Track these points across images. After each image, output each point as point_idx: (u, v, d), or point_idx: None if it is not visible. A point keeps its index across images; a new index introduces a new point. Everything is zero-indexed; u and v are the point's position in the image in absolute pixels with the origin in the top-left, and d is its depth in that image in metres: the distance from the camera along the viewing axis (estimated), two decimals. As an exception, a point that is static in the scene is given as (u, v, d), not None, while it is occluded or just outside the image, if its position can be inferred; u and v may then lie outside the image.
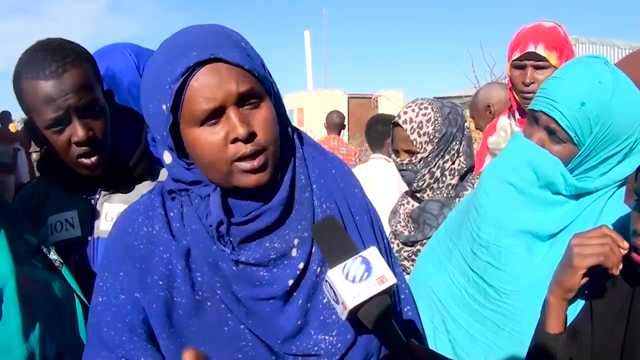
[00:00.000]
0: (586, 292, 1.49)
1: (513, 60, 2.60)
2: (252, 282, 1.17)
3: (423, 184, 2.31)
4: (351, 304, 1.02)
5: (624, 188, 1.65)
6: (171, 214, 1.22)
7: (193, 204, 1.21)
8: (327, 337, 1.18)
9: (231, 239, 1.17)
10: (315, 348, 1.17)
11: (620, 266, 1.35)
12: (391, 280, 1.05)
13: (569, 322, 1.49)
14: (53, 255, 1.55)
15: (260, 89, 1.15)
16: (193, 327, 1.17)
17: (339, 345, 1.18)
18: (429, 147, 2.26)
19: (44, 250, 1.54)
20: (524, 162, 1.61)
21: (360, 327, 1.10)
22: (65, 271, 1.55)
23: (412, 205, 2.44)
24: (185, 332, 1.17)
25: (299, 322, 1.18)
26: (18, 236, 1.47)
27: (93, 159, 1.69)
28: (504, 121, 2.86)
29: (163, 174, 1.90)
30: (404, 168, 2.31)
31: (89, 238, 1.77)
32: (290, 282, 1.18)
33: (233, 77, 1.11)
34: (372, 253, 1.07)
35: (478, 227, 1.67)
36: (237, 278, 1.17)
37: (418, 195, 2.36)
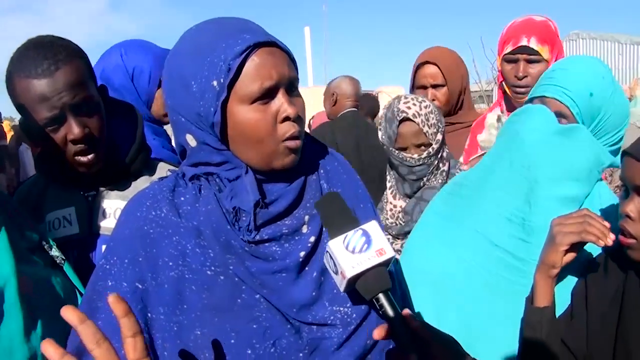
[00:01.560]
0: (581, 278, 1.56)
1: (505, 54, 2.58)
2: (265, 258, 1.20)
3: (431, 175, 2.33)
4: (349, 273, 1.05)
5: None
6: (182, 198, 1.24)
7: (212, 188, 1.23)
8: (341, 309, 1.20)
9: (250, 221, 1.19)
10: (332, 318, 1.20)
11: (609, 240, 1.42)
12: (389, 253, 1.07)
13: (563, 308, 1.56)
14: (54, 252, 1.54)
15: (298, 78, 1.22)
16: (206, 300, 1.18)
17: (354, 315, 1.20)
18: (439, 137, 2.30)
19: (45, 247, 1.53)
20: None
21: (359, 299, 1.12)
22: (67, 268, 1.54)
23: (395, 206, 2.42)
24: (199, 305, 1.18)
25: (314, 294, 1.20)
26: (19, 233, 1.46)
27: (90, 156, 1.68)
28: (492, 118, 2.83)
29: (161, 168, 1.91)
30: (421, 163, 2.29)
31: (87, 235, 1.76)
32: (302, 254, 1.20)
33: (285, 62, 1.17)
34: (373, 226, 1.10)
35: (516, 207, 1.68)
36: (249, 255, 1.19)
37: (420, 189, 2.35)
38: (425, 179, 2.32)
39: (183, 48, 1.20)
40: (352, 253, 1.06)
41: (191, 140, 1.21)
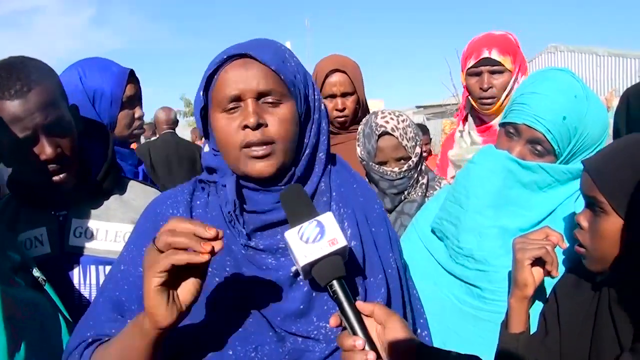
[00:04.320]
0: (551, 294, 1.55)
1: (468, 69, 2.62)
2: (259, 266, 1.26)
3: (412, 189, 2.34)
4: (302, 262, 1.12)
5: None
6: (198, 202, 1.35)
7: (218, 194, 1.32)
8: (327, 325, 1.22)
9: (245, 226, 1.27)
10: (315, 332, 1.23)
11: (556, 272, 1.44)
12: (342, 242, 1.13)
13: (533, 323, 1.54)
14: (36, 272, 1.54)
15: (282, 91, 1.26)
16: (199, 297, 1.22)
17: (338, 332, 1.21)
18: (418, 150, 2.32)
19: (28, 267, 1.53)
20: (494, 170, 1.70)
21: (319, 287, 1.17)
22: (48, 288, 1.54)
23: None
24: None
25: (302, 307, 1.24)
26: (1, 253, 1.46)
27: (62, 175, 1.68)
28: (457, 134, 2.89)
29: (131, 186, 1.91)
30: (401, 176, 2.31)
31: (59, 254, 1.76)
32: (293, 269, 1.25)
33: (258, 74, 1.23)
34: (327, 218, 1.15)
35: (458, 239, 1.72)
36: (246, 261, 1.26)
37: (401, 203, 2.37)
38: (405, 192, 2.34)
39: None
40: (305, 243, 1.13)
41: (205, 147, 1.34)
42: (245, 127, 1.22)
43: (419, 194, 2.35)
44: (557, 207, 1.68)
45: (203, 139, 1.40)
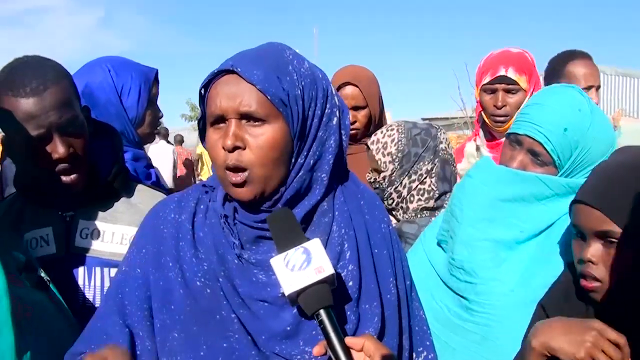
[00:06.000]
0: (540, 313, 1.52)
1: (483, 85, 2.63)
2: (251, 281, 1.24)
3: (392, 202, 2.33)
4: (287, 290, 1.11)
5: None
6: (201, 206, 1.34)
7: (217, 200, 1.31)
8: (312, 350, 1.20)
9: (239, 236, 1.26)
10: (299, 357, 1.20)
11: None
12: (328, 271, 1.11)
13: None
14: (41, 272, 1.53)
15: (267, 112, 1.19)
16: (189, 307, 1.25)
17: (321, 359, 1.19)
18: (391, 166, 2.31)
19: (33, 267, 1.53)
20: (488, 183, 1.71)
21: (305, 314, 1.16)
22: (53, 288, 1.54)
23: None
24: (182, 310, 1.25)
25: (288, 329, 1.21)
26: (7, 253, 1.45)
27: (72, 176, 1.68)
28: (470, 147, 2.88)
29: (139, 190, 1.92)
30: (374, 186, 2.35)
31: (65, 255, 1.75)
32: (282, 290, 1.21)
33: (243, 93, 1.19)
34: (314, 245, 1.13)
35: (452, 251, 1.74)
36: (239, 273, 1.24)
37: (394, 213, 2.38)
38: (385, 202, 2.31)
39: None
40: (291, 271, 1.11)
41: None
42: (223, 148, 1.20)
43: (419, 215, 2.29)
44: (555, 221, 1.67)
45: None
